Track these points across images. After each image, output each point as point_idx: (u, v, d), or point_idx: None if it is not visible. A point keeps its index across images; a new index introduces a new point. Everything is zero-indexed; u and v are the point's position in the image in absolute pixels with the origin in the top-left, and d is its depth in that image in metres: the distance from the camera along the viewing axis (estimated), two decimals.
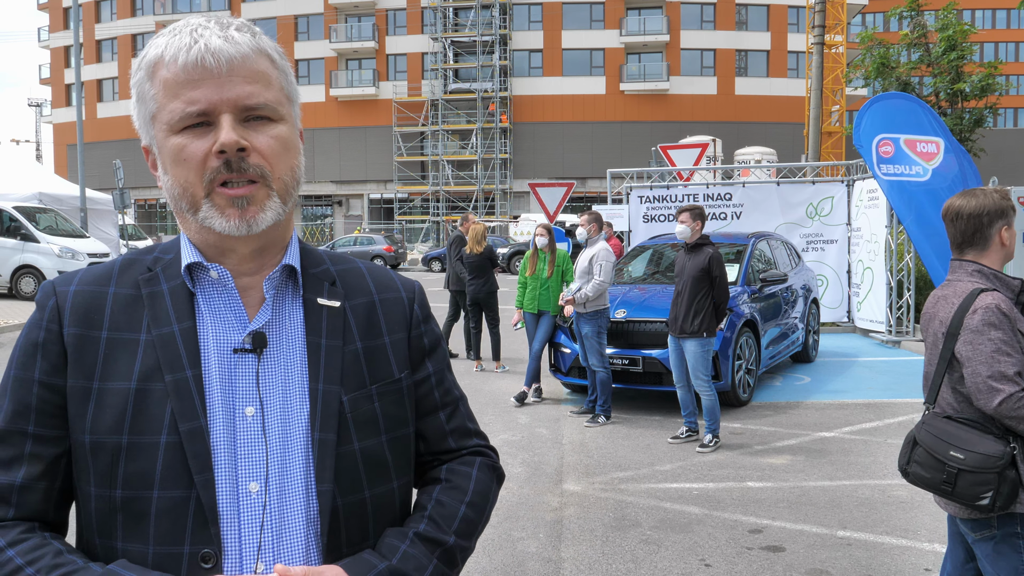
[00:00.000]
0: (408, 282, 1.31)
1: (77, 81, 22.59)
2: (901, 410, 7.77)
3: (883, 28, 41.81)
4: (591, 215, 7.78)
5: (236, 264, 1.15)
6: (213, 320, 1.13)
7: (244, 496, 1.08)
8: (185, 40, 1.08)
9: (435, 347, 1.30)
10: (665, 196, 13.40)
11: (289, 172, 1.12)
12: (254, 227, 1.09)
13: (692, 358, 6.61)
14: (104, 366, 1.09)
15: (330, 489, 1.10)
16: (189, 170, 1.08)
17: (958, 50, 18.98)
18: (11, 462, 1.08)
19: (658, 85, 46.00)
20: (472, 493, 1.24)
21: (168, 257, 1.17)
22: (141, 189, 49.44)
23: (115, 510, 1.07)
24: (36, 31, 65.35)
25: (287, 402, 1.12)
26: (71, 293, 1.14)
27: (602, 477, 5.89)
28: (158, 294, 1.13)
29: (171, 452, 1.06)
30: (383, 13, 48.35)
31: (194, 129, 1.07)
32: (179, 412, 1.07)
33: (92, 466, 1.08)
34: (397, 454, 1.20)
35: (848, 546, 4.55)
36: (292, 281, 1.19)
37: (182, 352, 1.09)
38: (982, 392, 2.37)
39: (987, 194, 2.58)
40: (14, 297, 17.17)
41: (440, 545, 1.17)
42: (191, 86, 1.06)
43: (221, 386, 1.10)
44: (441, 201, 47.15)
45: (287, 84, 1.15)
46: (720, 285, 6.55)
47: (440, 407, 1.29)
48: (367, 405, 1.16)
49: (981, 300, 2.44)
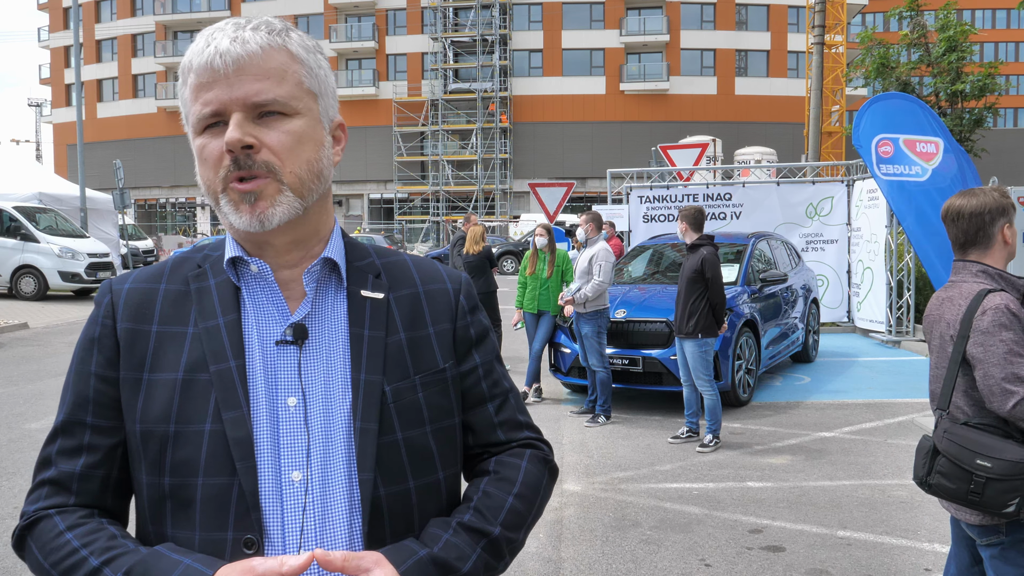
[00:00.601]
0: (455, 273, 1.32)
1: (77, 81, 22.59)
2: (901, 410, 7.77)
3: (883, 28, 41.78)
4: (590, 215, 7.78)
5: (274, 257, 1.17)
6: (256, 313, 1.16)
7: (287, 484, 1.10)
8: (200, 45, 1.11)
9: (482, 338, 1.30)
10: (665, 196, 13.40)
11: (304, 166, 1.13)
12: (266, 223, 1.11)
13: (691, 359, 6.62)
14: (154, 358, 1.14)
15: (371, 478, 1.12)
16: (208, 168, 1.12)
17: (958, 51, 18.97)
18: (72, 452, 1.15)
19: (658, 85, 46.00)
20: (520, 485, 1.23)
21: (216, 254, 1.21)
22: (141, 189, 49.44)
23: (164, 497, 1.11)
24: (36, 31, 65.35)
25: (329, 392, 1.14)
26: (125, 291, 1.19)
27: (602, 477, 5.89)
28: (205, 289, 1.18)
29: (215, 440, 1.09)
30: (383, 13, 48.35)
31: (212, 129, 1.11)
32: (222, 401, 1.10)
33: (143, 455, 1.12)
34: (442, 444, 1.21)
35: (848, 546, 4.55)
36: (335, 274, 1.21)
37: (226, 344, 1.13)
38: (995, 395, 2.33)
39: (987, 193, 2.55)
40: (14, 297, 17.16)
41: (485, 536, 1.16)
42: (205, 88, 1.10)
43: (264, 377, 1.12)
44: (441, 201, 47.15)
45: (311, 78, 1.15)
46: (713, 287, 6.51)
47: (488, 399, 1.28)
48: (410, 395, 1.17)
49: (989, 301, 2.40)
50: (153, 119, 50.31)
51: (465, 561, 1.12)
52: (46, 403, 8.07)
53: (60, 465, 1.14)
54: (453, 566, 1.11)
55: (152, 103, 50.23)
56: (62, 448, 1.15)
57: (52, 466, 1.15)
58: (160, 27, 50.31)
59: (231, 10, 49.22)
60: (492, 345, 1.32)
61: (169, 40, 50.44)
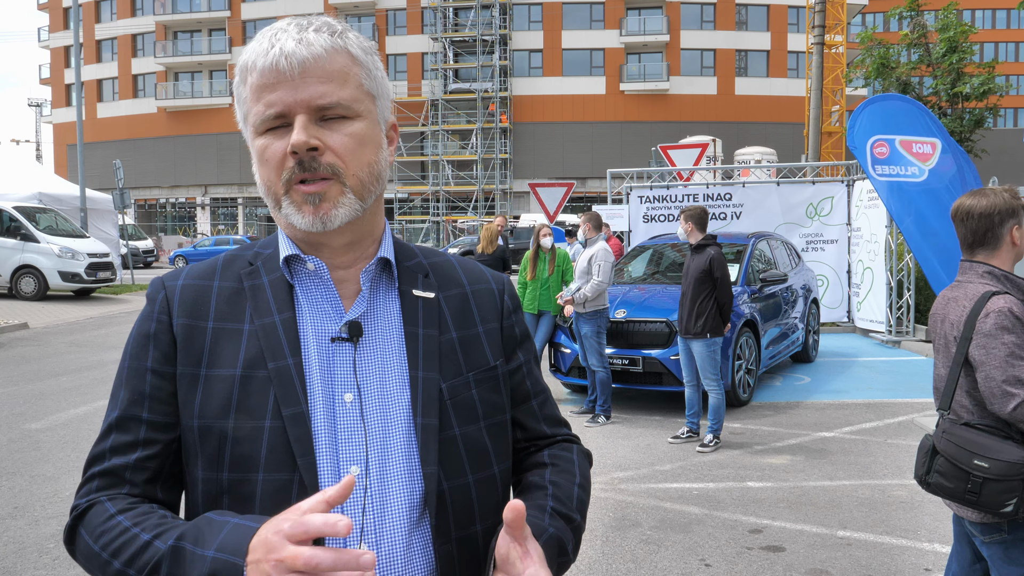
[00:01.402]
0: (497, 274, 1.35)
1: (77, 81, 22.60)
2: (901, 410, 7.77)
3: (883, 28, 41.80)
4: (589, 215, 7.79)
5: (330, 257, 1.19)
6: (311, 310, 1.17)
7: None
8: (264, 45, 1.12)
9: (525, 338, 1.34)
10: (665, 196, 13.40)
11: (365, 168, 1.14)
12: (328, 223, 1.12)
13: (699, 359, 6.64)
14: (211, 354, 1.15)
15: (435, 472, 1.13)
16: (270, 169, 1.13)
17: (959, 51, 18.95)
18: (127, 447, 1.14)
19: (658, 85, 46.01)
20: (580, 476, 1.28)
21: (267, 252, 1.22)
22: (141, 189, 49.44)
23: (222, 492, 1.11)
24: (36, 31, 65.36)
25: (385, 389, 1.15)
26: (179, 287, 1.20)
27: (602, 477, 5.89)
28: (259, 286, 1.18)
29: (275, 436, 1.10)
30: (383, 13, 48.36)
31: (275, 131, 1.12)
32: (281, 398, 1.11)
33: (200, 450, 1.12)
34: (496, 440, 1.23)
35: (848, 546, 4.55)
36: (387, 273, 1.23)
37: (283, 341, 1.14)
38: (996, 397, 2.34)
39: (998, 194, 2.55)
40: (14, 297, 17.16)
41: (571, 522, 1.21)
42: (268, 89, 1.11)
43: (320, 373, 1.14)
44: (441, 201, 47.16)
45: (369, 80, 1.17)
46: (722, 286, 6.56)
47: (532, 395, 1.32)
48: (465, 392, 1.19)
49: (993, 303, 2.41)
50: (153, 119, 50.31)
51: (568, 543, 1.17)
52: (46, 403, 8.07)
53: (113, 459, 1.14)
54: (564, 547, 1.15)
55: (152, 103, 50.22)
56: (116, 443, 1.15)
57: (105, 460, 1.15)
58: (160, 27, 50.31)
59: (231, 10, 49.24)
60: (532, 345, 1.35)
61: (169, 40, 50.45)
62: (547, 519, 1.16)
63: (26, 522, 4.90)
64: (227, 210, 50.80)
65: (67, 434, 6.91)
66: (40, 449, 6.47)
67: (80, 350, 11.36)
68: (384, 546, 1.10)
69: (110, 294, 19.08)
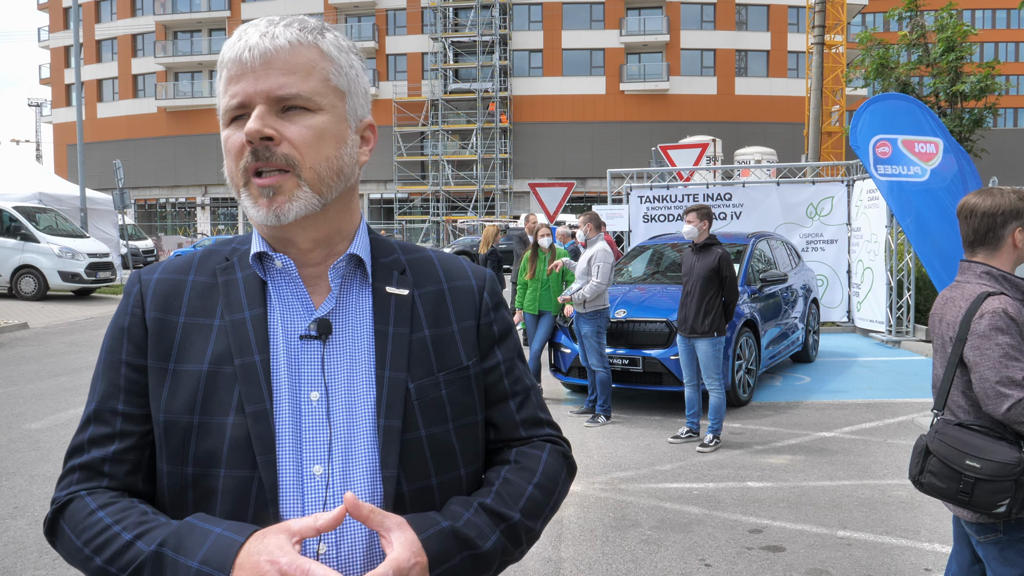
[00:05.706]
0: (479, 270, 1.32)
1: (77, 81, 22.60)
2: (901, 410, 7.77)
3: (883, 28, 41.78)
4: (588, 215, 7.80)
5: (298, 254, 1.18)
6: (282, 307, 1.17)
7: (308, 478, 1.10)
8: (232, 40, 1.14)
9: (505, 335, 1.30)
10: (665, 196, 13.40)
11: (323, 163, 1.13)
12: (283, 217, 1.11)
13: (704, 357, 6.64)
14: (180, 349, 1.15)
15: (395, 474, 1.12)
16: (231, 160, 1.14)
17: (957, 51, 18.95)
18: (104, 439, 1.15)
19: (658, 85, 46.01)
20: (540, 475, 1.24)
21: (244, 248, 1.22)
22: (141, 189, 49.44)
23: (186, 487, 1.12)
24: (36, 31, 65.34)
25: (352, 388, 1.14)
26: (154, 281, 1.20)
27: (602, 477, 5.89)
28: (233, 282, 1.18)
29: (237, 433, 1.10)
30: (383, 13, 48.36)
31: (237, 121, 1.13)
32: (246, 395, 1.11)
33: (166, 444, 1.13)
34: (465, 442, 1.21)
35: (848, 546, 4.55)
36: (360, 270, 1.21)
37: (252, 337, 1.13)
38: (990, 397, 2.34)
39: (1004, 194, 2.54)
40: (14, 297, 17.16)
41: (505, 520, 1.16)
42: (234, 81, 1.12)
43: (288, 371, 1.13)
44: (441, 201, 47.15)
45: (339, 76, 1.16)
46: (730, 285, 6.60)
47: (510, 395, 1.28)
48: (434, 393, 1.17)
49: (988, 304, 2.40)
50: (153, 119, 50.31)
51: (485, 540, 1.12)
52: (46, 403, 8.07)
53: (92, 451, 1.15)
54: (473, 543, 1.11)
55: (152, 103, 50.22)
56: (94, 435, 1.15)
57: (84, 452, 1.15)
58: (160, 27, 50.31)
59: (231, 10, 49.23)
60: (515, 342, 1.32)
61: (169, 40, 50.44)
62: (467, 514, 1.13)
63: (26, 522, 4.90)
64: (227, 210, 50.79)
65: (67, 434, 6.91)
66: (40, 449, 6.47)
67: (80, 350, 11.35)
68: (344, 546, 1.09)
69: (110, 294, 19.09)
